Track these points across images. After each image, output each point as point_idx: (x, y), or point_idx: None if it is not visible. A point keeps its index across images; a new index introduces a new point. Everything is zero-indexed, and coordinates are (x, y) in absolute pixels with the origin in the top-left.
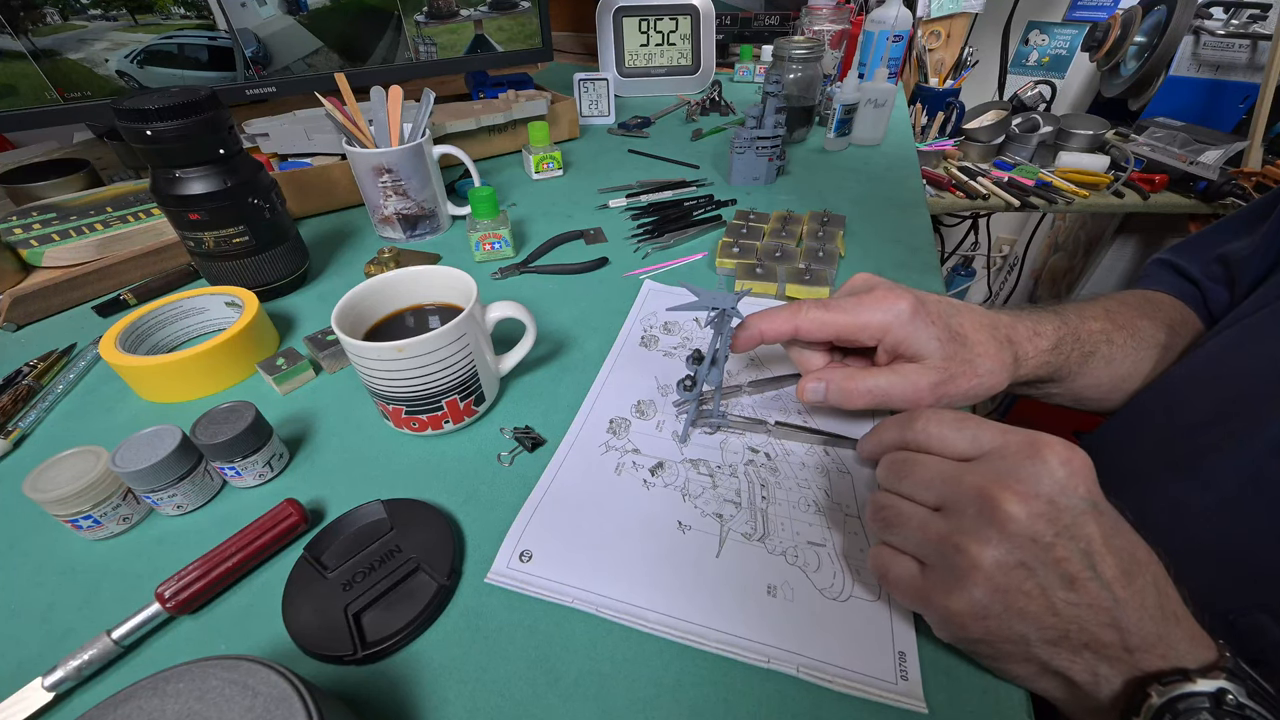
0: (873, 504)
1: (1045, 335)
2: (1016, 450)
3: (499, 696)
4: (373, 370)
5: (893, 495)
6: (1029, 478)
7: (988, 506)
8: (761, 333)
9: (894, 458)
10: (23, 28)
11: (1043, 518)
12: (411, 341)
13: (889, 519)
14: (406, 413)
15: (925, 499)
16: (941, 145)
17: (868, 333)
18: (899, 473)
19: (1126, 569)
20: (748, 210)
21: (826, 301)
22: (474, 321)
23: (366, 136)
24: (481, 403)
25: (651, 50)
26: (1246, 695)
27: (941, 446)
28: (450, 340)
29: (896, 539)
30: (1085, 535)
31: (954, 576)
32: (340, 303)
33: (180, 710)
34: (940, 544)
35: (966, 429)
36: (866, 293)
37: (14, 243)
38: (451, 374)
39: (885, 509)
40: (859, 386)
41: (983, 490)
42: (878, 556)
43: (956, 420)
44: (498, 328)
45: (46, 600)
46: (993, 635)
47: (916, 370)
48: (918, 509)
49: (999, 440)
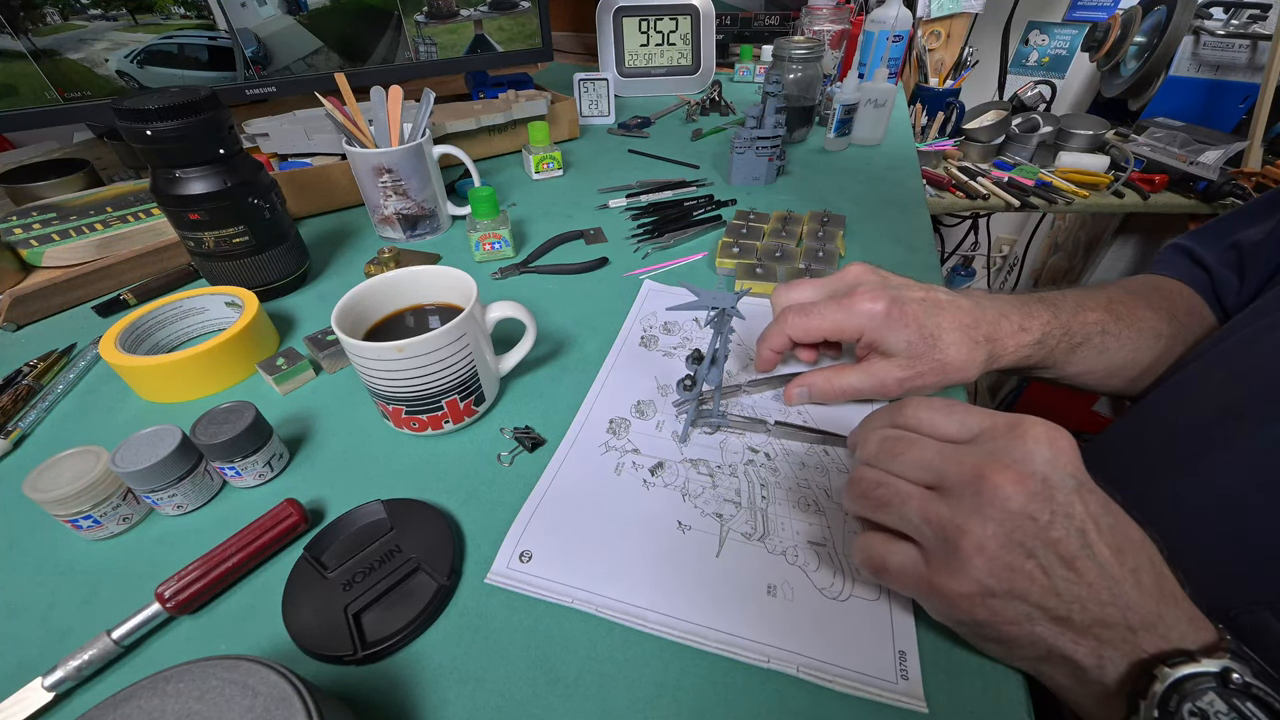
0: (864, 480)
1: (1031, 330)
2: (1004, 431)
3: (499, 696)
4: (373, 370)
5: (884, 473)
6: (1022, 458)
7: (986, 487)
8: (770, 353)
9: (886, 434)
10: (23, 28)
11: (1038, 497)
12: (411, 341)
13: (884, 498)
14: (407, 413)
15: (921, 478)
16: (941, 145)
17: (845, 334)
18: (892, 450)
19: (1119, 547)
20: (748, 210)
21: (807, 308)
22: (474, 321)
23: (366, 136)
24: (481, 403)
25: (651, 50)
26: (1252, 675)
27: (931, 429)
28: (450, 340)
29: (891, 518)
30: (1077, 514)
31: (957, 558)
32: (340, 303)
33: (180, 710)
34: (941, 526)
35: (955, 414)
36: (847, 295)
37: (14, 243)
38: (451, 374)
39: (881, 486)
40: (835, 386)
41: (980, 470)
42: (870, 547)
43: (945, 406)
44: (498, 328)
45: (46, 600)
46: (997, 617)
47: (884, 366)
48: (916, 489)
49: (986, 423)
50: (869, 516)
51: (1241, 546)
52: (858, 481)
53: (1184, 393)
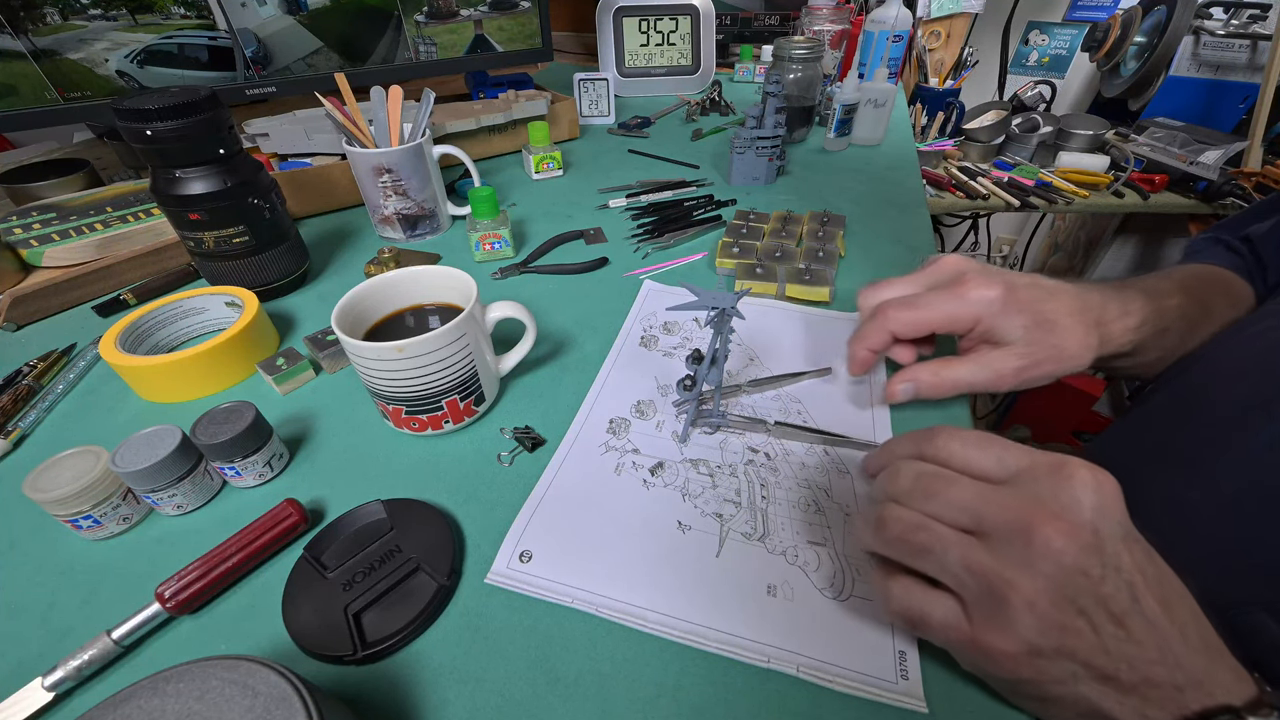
0: (899, 523)
1: (1133, 314)
2: (1046, 473)
3: (499, 696)
4: (373, 370)
5: (922, 516)
6: (1070, 504)
7: (1036, 537)
8: (867, 354)
9: (920, 470)
10: (23, 28)
11: (1089, 549)
12: (411, 341)
13: (925, 544)
14: (407, 413)
15: (957, 521)
16: (941, 145)
17: (959, 325)
18: (928, 489)
19: (1166, 600)
20: (748, 210)
21: (912, 300)
22: (474, 321)
23: (366, 136)
24: (481, 403)
25: (651, 50)
26: None
27: (965, 466)
28: (450, 340)
29: (930, 566)
30: (1125, 567)
31: (1004, 614)
32: (340, 303)
33: (180, 710)
34: (986, 578)
35: (991, 449)
36: (956, 283)
37: (14, 243)
38: (451, 374)
39: (922, 531)
40: (946, 380)
41: (1027, 517)
42: (909, 598)
43: (979, 440)
44: (497, 328)
45: (46, 600)
46: (1043, 675)
47: (1000, 357)
48: (956, 534)
49: (1025, 461)
50: (903, 561)
51: (1240, 547)
52: (892, 523)
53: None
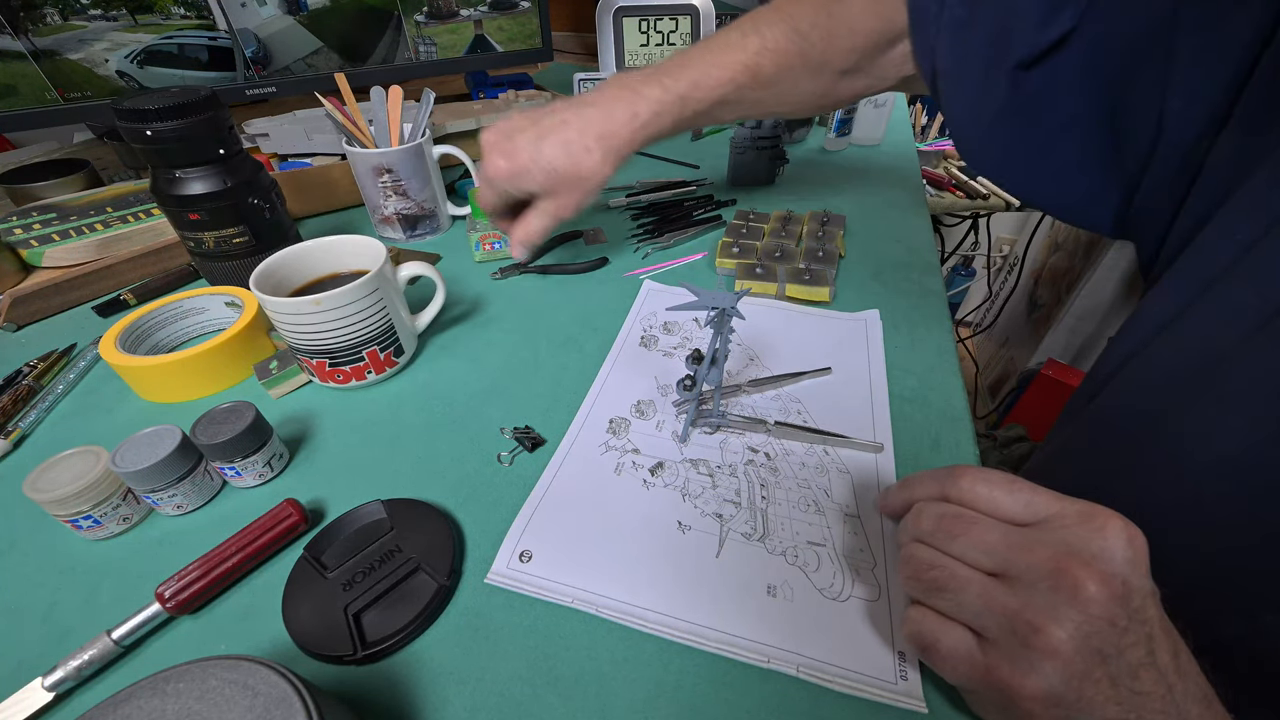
0: (915, 561)
1: (641, 114)
2: (1076, 520)
3: (499, 696)
4: (295, 325)
5: (940, 554)
6: (1102, 554)
7: (1066, 583)
8: None
9: (943, 511)
10: (23, 28)
11: (1118, 600)
12: (328, 295)
13: (940, 581)
14: (330, 365)
15: (982, 564)
16: (941, 145)
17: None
18: (951, 530)
19: (1175, 651)
20: (748, 210)
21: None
22: (385, 279)
23: (366, 136)
24: (401, 355)
25: (651, 50)
26: None
27: (991, 508)
28: (364, 294)
29: (947, 605)
30: (1149, 619)
31: (1027, 656)
32: (258, 268)
33: (180, 710)
34: (1010, 619)
35: (1019, 493)
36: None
37: (14, 243)
38: (369, 325)
39: (936, 569)
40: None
41: (1059, 563)
42: (922, 622)
43: (1007, 482)
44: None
45: (47, 600)
46: None
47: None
48: (975, 574)
49: (1055, 507)
50: (920, 599)
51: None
52: (909, 561)
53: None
